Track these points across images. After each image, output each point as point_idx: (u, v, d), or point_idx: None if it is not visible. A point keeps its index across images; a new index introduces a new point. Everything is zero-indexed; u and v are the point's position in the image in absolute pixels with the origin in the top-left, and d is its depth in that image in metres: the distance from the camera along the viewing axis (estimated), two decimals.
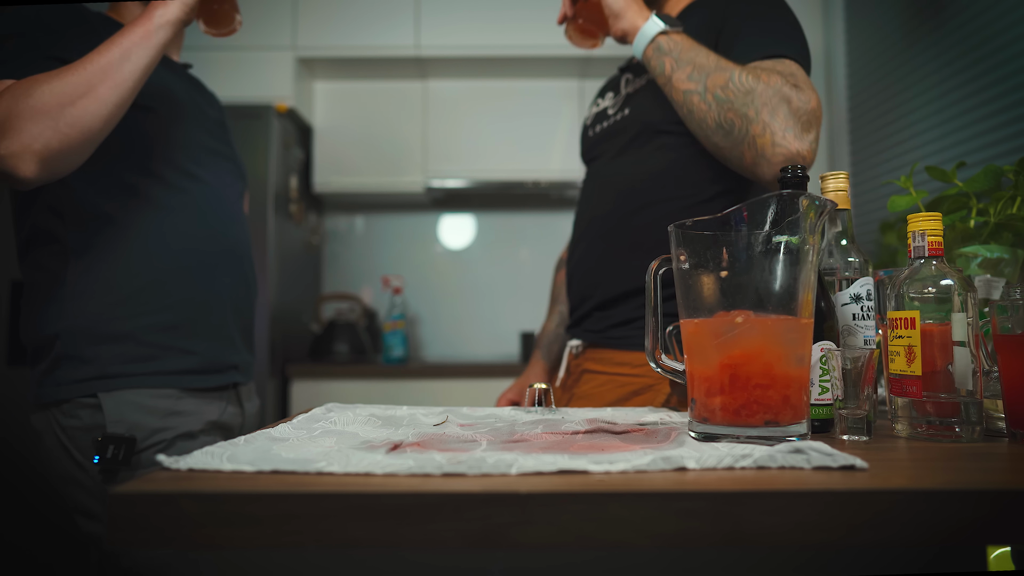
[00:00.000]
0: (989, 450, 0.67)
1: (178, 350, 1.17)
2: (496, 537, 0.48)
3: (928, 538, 0.49)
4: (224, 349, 1.24)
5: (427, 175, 2.88)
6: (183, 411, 1.17)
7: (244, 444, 0.65)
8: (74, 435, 1.11)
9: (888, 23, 2.43)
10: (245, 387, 1.33)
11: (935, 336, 0.72)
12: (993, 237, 1.03)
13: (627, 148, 1.21)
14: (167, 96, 1.21)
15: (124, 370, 1.13)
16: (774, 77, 1.00)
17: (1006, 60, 1.85)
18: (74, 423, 1.11)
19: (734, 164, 1.05)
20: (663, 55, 1.07)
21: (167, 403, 1.15)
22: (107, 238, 1.14)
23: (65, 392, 1.11)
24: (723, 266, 0.68)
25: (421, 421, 0.86)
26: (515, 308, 3.13)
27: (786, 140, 0.98)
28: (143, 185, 1.17)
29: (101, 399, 1.11)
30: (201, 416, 1.19)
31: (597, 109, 1.35)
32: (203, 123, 1.27)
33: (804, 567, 0.62)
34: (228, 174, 1.31)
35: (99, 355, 1.12)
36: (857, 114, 2.65)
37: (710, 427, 0.67)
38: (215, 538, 0.49)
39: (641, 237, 1.15)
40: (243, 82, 2.65)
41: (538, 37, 2.73)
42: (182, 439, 1.15)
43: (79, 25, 1.13)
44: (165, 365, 1.16)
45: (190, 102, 1.26)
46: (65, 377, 1.11)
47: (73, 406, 1.11)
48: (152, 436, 1.13)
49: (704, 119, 1.04)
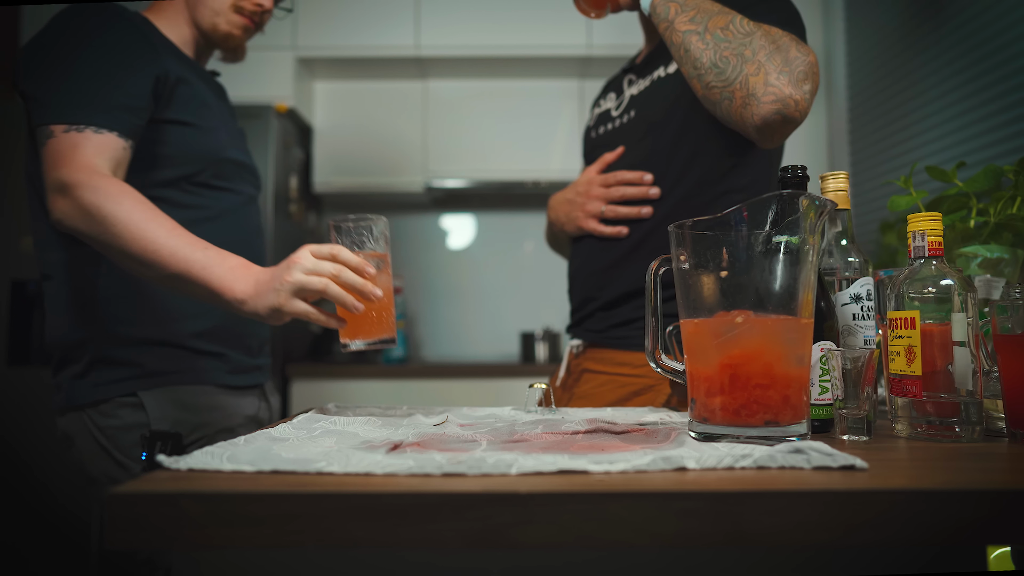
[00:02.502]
0: (989, 450, 0.67)
1: (210, 354, 1.19)
2: (496, 537, 0.48)
3: (928, 538, 0.49)
4: (245, 355, 1.26)
5: (427, 175, 2.88)
6: (221, 407, 1.19)
7: (244, 444, 0.65)
8: (113, 435, 1.11)
9: (888, 23, 2.43)
10: (267, 385, 1.36)
11: (935, 336, 0.72)
12: (993, 237, 1.03)
13: (630, 150, 1.21)
14: (203, 109, 1.21)
15: (164, 368, 1.14)
16: (775, 28, 1.00)
17: (1006, 60, 1.85)
18: (113, 423, 1.11)
19: (723, 110, 1.03)
20: (669, 1, 1.06)
21: (205, 399, 1.17)
22: None
23: (103, 392, 1.12)
24: (723, 266, 0.68)
25: (421, 421, 0.86)
26: (515, 308, 3.13)
27: (780, 82, 0.96)
28: (174, 194, 1.17)
29: (142, 397, 1.12)
30: (238, 411, 1.22)
31: (600, 110, 1.34)
32: (231, 134, 1.28)
33: (804, 567, 0.62)
34: (251, 185, 1.32)
35: (136, 357, 1.13)
36: (857, 114, 2.65)
37: (710, 427, 0.67)
38: (215, 538, 0.49)
39: (644, 238, 1.15)
40: (243, 82, 2.64)
41: (538, 37, 2.73)
42: (223, 434, 1.16)
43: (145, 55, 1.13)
44: (200, 364, 1.18)
45: (222, 115, 1.27)
46: (103, 377, 1.12)
47: (112, 406, 1.12)
48: (194, 432, 1.14)
49: (699, 57, 1.02)
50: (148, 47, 1.14)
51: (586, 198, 1.22)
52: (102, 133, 1.04)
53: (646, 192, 1.15)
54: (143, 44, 1.14)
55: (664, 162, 1.16)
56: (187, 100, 1.18)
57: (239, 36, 1.28)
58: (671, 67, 1.17)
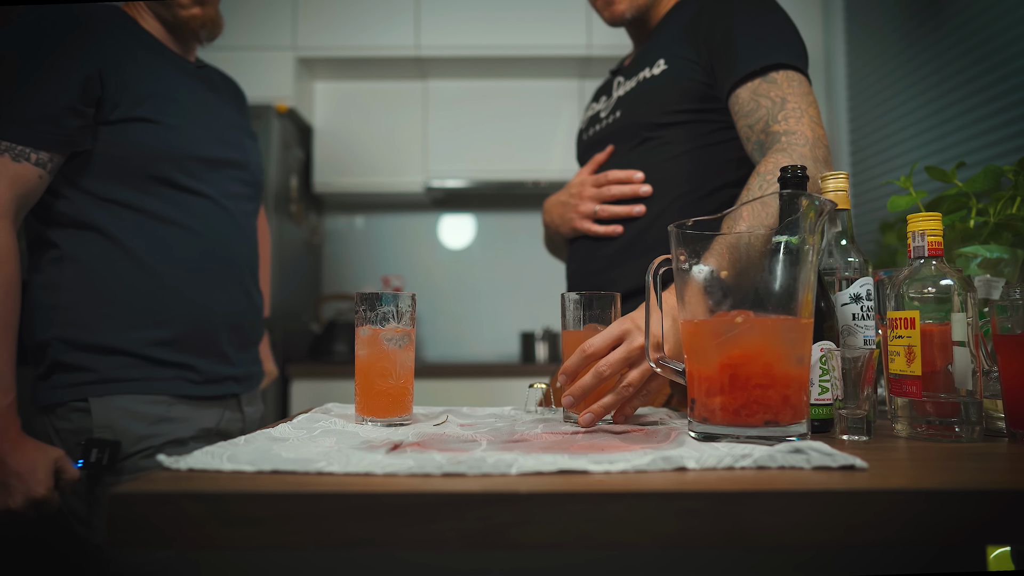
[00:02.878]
0: (989, 450, 0.67)
1: (170, 364, 1.16)
2: (496, 537, 0.48)
3: (928, 538, 0.49)
4: (217, 364, 1.22)
5: (427, 175, 2.88)
6: (174, 418, 1.16)
7: (244, 444, 0.65)
8: (66, 438, 1.11)
9: (888, 23, 2.43)
10: (248, 396, 1.32)
11: (935, 336, 0.72)
12: (993, 237, 1.03)
13: (619, 150, 1.22)
14: (172, 106, 1.17)
15: (117, 375, 1.12)
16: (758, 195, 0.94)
17: (1005, 60, 1.85)
18: (67, 426, 1.12)
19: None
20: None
21: (158, 409, 1.15)
22: (100, 249, 1.13)
23: (59, 395, 1.12)
24: (723, 266, 0.68)
25: (421, 421, 0.86)
26: (515, 308, 3.13)
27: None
28: (137, 198, 1.15)
29: (91, 403, 1.11)
30: (193, 423, 1.18)
31: (591, 113, 1.35)
32: (211, 130, 1.23)
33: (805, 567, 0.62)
34: (234, 183, 1.26)
35: (91, 363, 1.12)
36: (857, 114, 2.65)
37: (710, 427, 0.67)
38: (215, 538, 0.49)
39: (638, 238, 1.16)
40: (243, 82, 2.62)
41: (538, 37, 2.73)
42: (171, 445, 1.14)
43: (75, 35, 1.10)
44: (157, 374, 1.15)
45: (198, 109, 1.22)
46: (60, 381, 1.12)
47: (66, 410, 1.12)
48: (140, 442, 1.12)
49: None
50: (94, 42, 1.11)
51: (579, 199, 1.23)
52: (19, 163, 1.05)
53: (637, 190, 1.16)
54: (87, 39, 1.11)
55: (653, 160, 1.16)
56: (146, 96, 1.13)
57: (200, 12, 1.23)
58: (656, 68, 1.18)
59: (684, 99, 1.13)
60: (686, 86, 1.13)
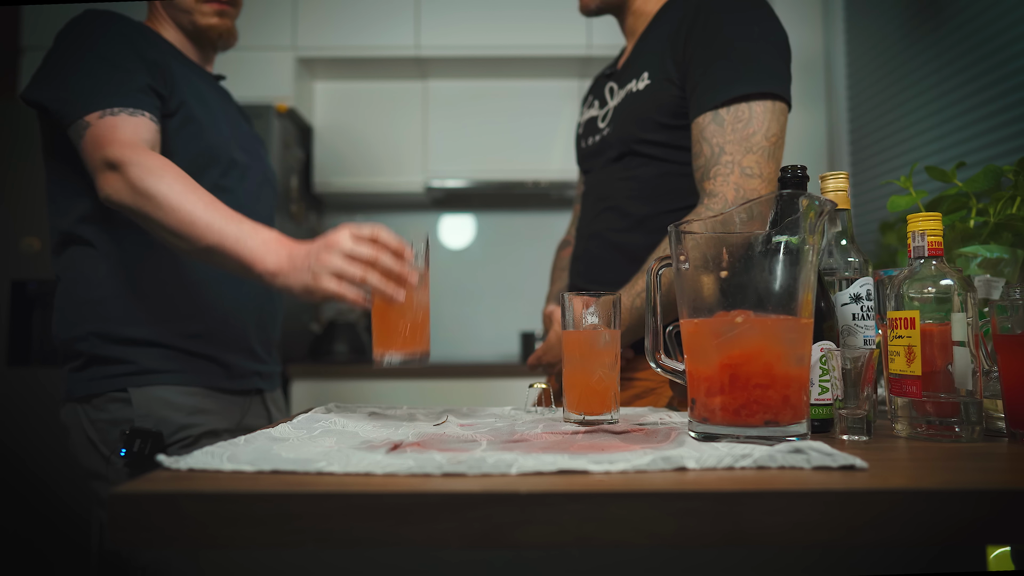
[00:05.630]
0: (989, 450, 0.67)
1: (203, 356, 1.20)
2: (496, 537, 0.48)
3: (928, 538, 0.49)
4: (245, 360, 1.26)
5: (427, 175, 2.88)
6: (209, 409, 1.19)
7: (244, 444, 0.65)
8: (103, 428, 1.13)
9: (888, 23, 2.43)
10: (271, 394, 1.35)
11: (935, 336, 0.72)
12: (993, 237, 1.03)
13: (609, 165, 1.23)
14: (206, 108, 1.22)
15: (155, 366, 1.15)
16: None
17: (1006, 60, 1.85)
18: (104, 416, 1.13)
19: None
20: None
21: (193, 400, 1.17)
22: (136, 246, 1.16)
23: (98, 386, 1.14)
24: (723, 266, 0.68)
25: (421, 421, 0.86)
26: (515, 308, 3.13)
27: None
28: None
29: (131, 393, 1.13)
30: (226, 415, 1.22)
31: (587, 117, 1.35)
32: (236, 135, 1.28)
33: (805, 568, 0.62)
34: (259, 186, 1.32)
35: (129, 355, 1.15)
36: (857, 114, 2.65)
37: (710, 427, 0.67)
38: (216, 538, 0.49)
39: (634, 253, 1.16)
40: (243, 82, 2.64)
41: (538, 37, 2.73)
42: (207, 437, 1.16)
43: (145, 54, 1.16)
44: (191, 366, 1.18)
45: (224, 115, 1.27)
46: (98, 372, 1.14)
47: (104, 400, 1.14)
48: (178, 432, 1.15)
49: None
50: (150, 45, 1.17)
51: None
52: (136, 116, 1.08)
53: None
54: (144, 41, 1.17)
55: (644, 178, 1.17)
56: (188, 98, 1.19)
57: (219, 23, 1.28)
58: (640, 83, 1.18)
59: (666, 114, 1.14)
60: (666, 102, 1.13)
